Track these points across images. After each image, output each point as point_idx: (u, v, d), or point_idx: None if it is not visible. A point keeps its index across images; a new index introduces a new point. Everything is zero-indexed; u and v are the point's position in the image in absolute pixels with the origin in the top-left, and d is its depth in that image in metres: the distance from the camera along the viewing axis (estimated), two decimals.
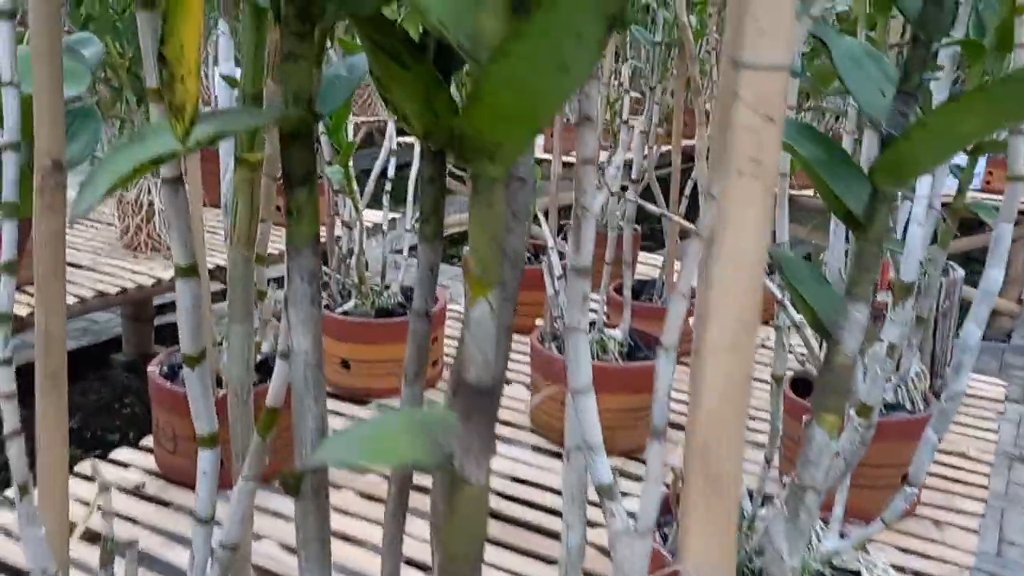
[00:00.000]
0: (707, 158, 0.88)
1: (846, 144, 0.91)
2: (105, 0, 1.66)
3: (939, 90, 0.74)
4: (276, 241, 1.98)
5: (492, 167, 0.30)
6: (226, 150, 0.89)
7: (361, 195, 1.40)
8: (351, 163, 1.32)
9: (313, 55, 0.37)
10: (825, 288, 0.53)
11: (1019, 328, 3.23)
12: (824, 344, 0.55)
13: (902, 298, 0.70)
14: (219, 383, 1.05)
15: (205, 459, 0.54)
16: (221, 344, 1.06)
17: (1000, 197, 0.68)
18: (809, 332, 0.90)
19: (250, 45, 0.54)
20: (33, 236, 0.58)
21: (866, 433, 0.74)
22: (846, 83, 0.52)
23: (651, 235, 2.95)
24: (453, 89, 0.40)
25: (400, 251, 1.54)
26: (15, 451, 0.50)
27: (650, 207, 0.79)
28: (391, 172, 1.48)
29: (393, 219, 1.57)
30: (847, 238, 0.96)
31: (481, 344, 0.31)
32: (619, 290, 1.44)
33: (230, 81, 0.60)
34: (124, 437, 2.12)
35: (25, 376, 0.55)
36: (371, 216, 1.91)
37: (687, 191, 1.56)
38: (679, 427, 1.37)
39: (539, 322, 1.39)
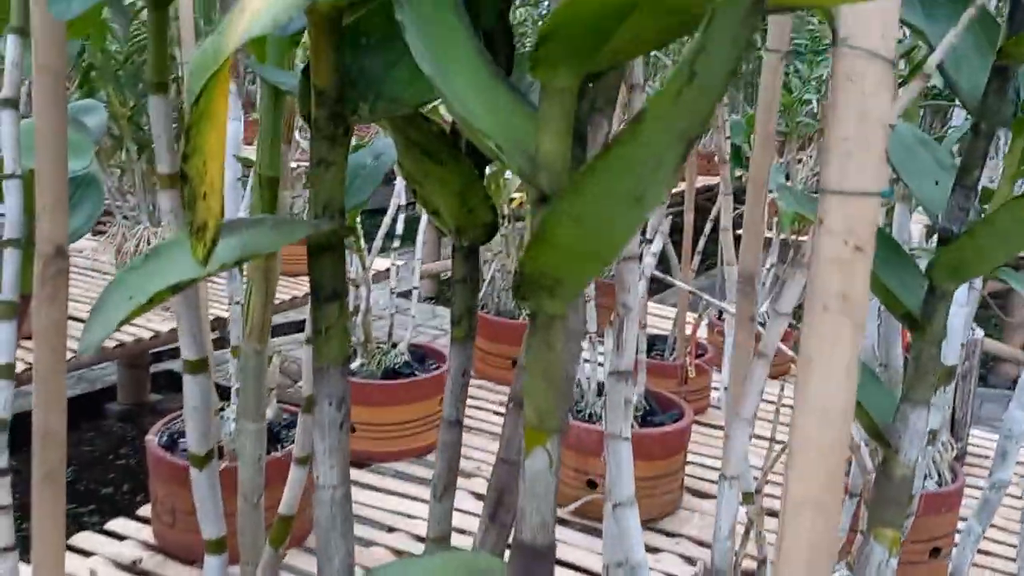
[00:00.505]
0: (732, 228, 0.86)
1: None
2: (107, 50, 1.65)
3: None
4: (282, 290, 1.95)
5: (552, 304, 0.27)
6: (233, 200, 0.85)
7: (368, 250, 1.37)
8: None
9: (345, 161, 0.34)
10: (879, 389, 0.50)
11: None
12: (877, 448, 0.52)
13: (943, 382, 0.67)
14: (219, 454, 1.01)
15: (211, 568, 0.50)
16: (222, 411, 1.02)
17: None
18: None
19: (267, 127, 0.51)
20: (32, 327, 0.55)
21: (906, 523, 0.71)
22: (901, 174, 0.49)
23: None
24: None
25: (408, 294, 1.51)
26: (8, 567, 0.46)
27: (667, 279, 0.76)
28: (399, 228, 1.46)
29: (398, 265, 1.54)
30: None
31: (539, 501, 0.27)
32: None
33: (244, 161, 0.58)
34: (119, 489, 2.07)
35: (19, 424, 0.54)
36: (377, 263, 1.88)
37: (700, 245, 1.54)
38: (700, 494, 1.32)
39: None
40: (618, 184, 0.24)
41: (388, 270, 1.66)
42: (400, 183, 1.39)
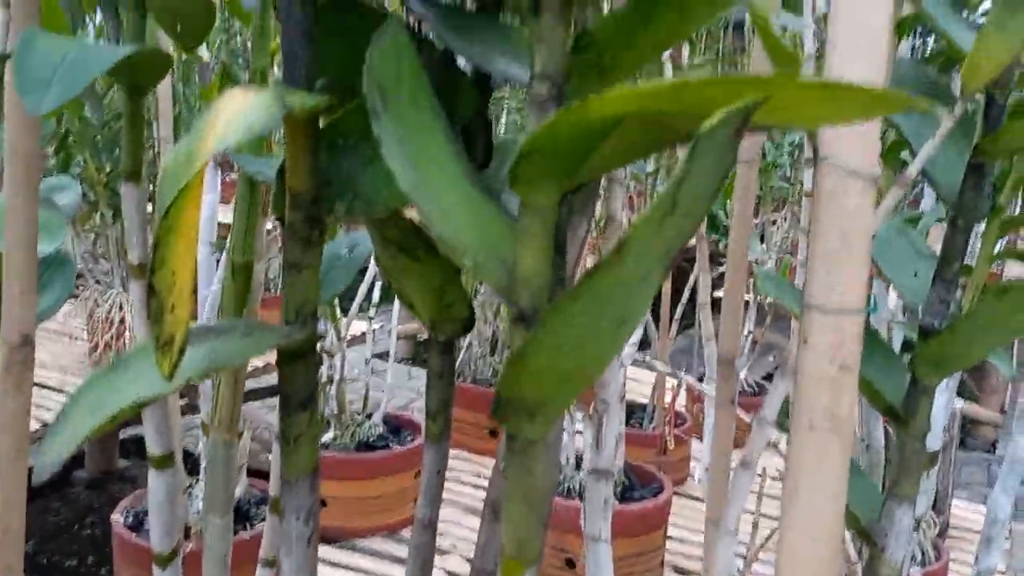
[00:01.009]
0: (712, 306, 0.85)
1: None
2: (84, 116, 1.64)
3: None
4: None
5: (533, 428, 0.26)
6: (207, 272, 0.84)
7: (345, 313, 1.36)
8: None
9: (319, 262, 0.33)
10: (864, 483, 0.49)
11: (1003, 438, 3.20)
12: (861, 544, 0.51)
13: (926, 467, 0.66)
14: (186, 534, 0.98)
15: None
16: (190, 488, 0.99)
17: None
18: None
19: (241, 213, 0.50)
20: None
21: None
22: (880, 265, 0.49)
23: None
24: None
25: (384, 355, 1.50)
26: None
27: (647, 361, 0.75)
28: (376, 294, 1.45)
29: (375, 329, 1.53)
30: None
31: None
32: None
33: (218, 245, 0.57)
34: (83, 562, 2.00)
35: None
36: (354, 326, 1.86)
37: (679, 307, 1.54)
38: (680, 571, 1.30)
39: None
40: (601, 309, 0.23)
41: (364, 334, 1.64)
42: None
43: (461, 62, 0.37)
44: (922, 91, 0.48)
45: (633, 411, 1.62)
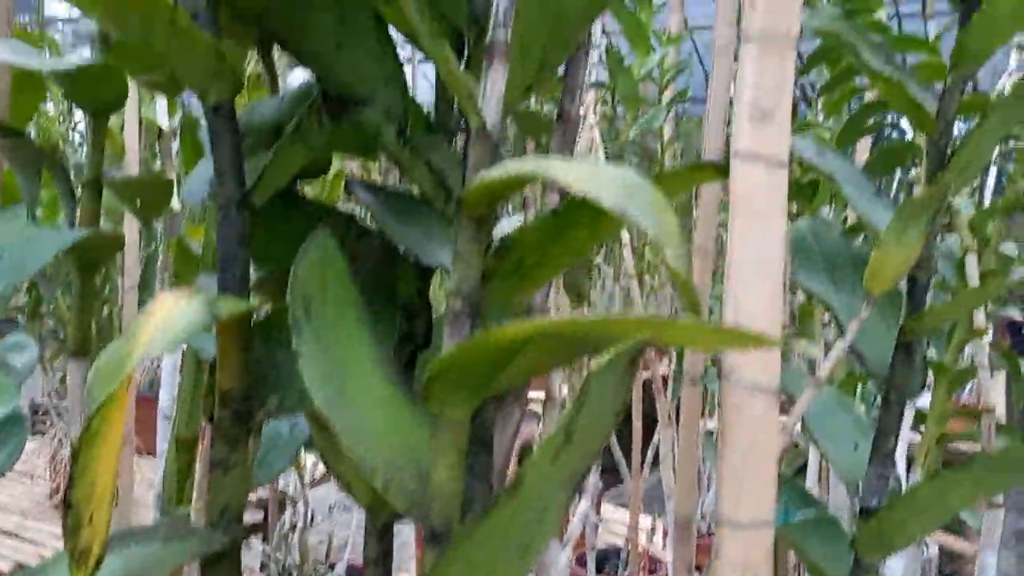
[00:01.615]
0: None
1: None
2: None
3: None
4: None
5: None
6: (167, 401, 0.83)
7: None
8: None
9: (247, 462, 0.34)
10: None
11: None
12: None
13: None
14: None
15: None
16: None
17: None
18: None
19: (187, 388, 0.51)
20: None
21: None
22: (817, 440, 0.50)
23: (611, 467, 2.84)
24: None
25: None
26: None
27: (603, 521, 0.74)
28: None
29: None
30: None
31: None
32: (581, 561, 1.36)
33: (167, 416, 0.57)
34: None
35: None
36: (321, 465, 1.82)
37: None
38: None
39: None
40: (504, 537, 0.23)
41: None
42: None
43: None
44: (848, 263, 0.49)
45: (607, 557, 1.58)
